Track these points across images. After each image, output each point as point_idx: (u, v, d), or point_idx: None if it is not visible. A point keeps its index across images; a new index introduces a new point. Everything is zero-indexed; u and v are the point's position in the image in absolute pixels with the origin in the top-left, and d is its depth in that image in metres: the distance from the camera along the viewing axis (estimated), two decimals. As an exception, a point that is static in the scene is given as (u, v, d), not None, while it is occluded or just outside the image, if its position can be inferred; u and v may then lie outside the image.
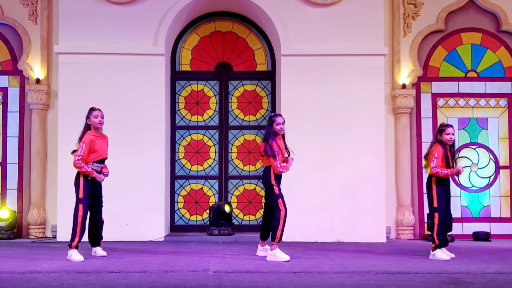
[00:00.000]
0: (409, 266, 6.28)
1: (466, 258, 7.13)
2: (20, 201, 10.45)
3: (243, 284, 4.86)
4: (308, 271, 5.84)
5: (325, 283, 4.99)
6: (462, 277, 5.43)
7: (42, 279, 5.11)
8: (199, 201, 10.79)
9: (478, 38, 10.95)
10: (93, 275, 5.41)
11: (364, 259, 7.06)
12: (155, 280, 5.07)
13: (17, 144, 10.52)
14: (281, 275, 5.52)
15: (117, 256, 6.92)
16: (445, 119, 10.76)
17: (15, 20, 10.47)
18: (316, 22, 9.87)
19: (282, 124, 6.84)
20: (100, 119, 6.79)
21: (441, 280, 5.22)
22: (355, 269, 6.02)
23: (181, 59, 10.89)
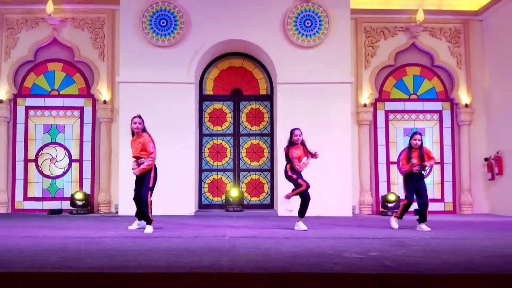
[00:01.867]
0: (369, 233, 6.32)
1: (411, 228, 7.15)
2: (92, 187, 10.51)
3: (249, 246, 4.88)
4: (297, 236, 5.87)
5: (308, 245, 5.03)
6: (406, 240, 5.47)
7: (108, 242, 5.16)
8: (218, 187, 10.80)
9: (418, 70, 10.97)
10: (144, 240, 5.45)
11: (336, 228, 7.10)
12: (187, 243, 5.11)
13: (90, 147, 10.58)
14: (277, 239, 5.54)
15: (160, 226, 6.95)
16: (394, 129, 10.83)
17: (88, 59, 10.54)
18: (302, 59, 9.87)
19: (299, 135, 6.68)
20: (137, 125, 6.37)
21: (391, 243, 5.25)
22: (329, 235, 6.05)
23: (206, 86, 10.90)
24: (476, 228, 7.32)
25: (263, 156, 10.85)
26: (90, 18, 10.58)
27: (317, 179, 9.28)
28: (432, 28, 10.85)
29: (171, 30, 9.80)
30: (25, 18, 10.54)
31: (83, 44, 10.54)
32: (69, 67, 10.67)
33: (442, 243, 5.29)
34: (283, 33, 9.88)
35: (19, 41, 10.52)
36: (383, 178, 10.76)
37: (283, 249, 4.64)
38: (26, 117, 10.56)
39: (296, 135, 6.69)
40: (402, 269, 3.45)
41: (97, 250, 4.54)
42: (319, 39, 9.87)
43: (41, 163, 10.54)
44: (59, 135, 10.59)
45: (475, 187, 10.78)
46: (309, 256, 4.18)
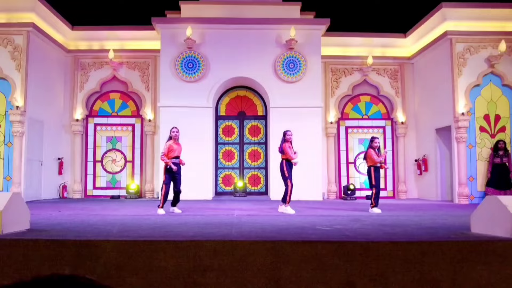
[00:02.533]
0: (334, 213, 6.32)
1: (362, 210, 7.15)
2: (141, 179, 10.48)
3: (251, 221, 4.90)
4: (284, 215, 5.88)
5: (291, 220, 5.04)
6: (360, 218, 5.50)
7: (152, 219, 5.18)
8: (229, 180, 10.76)
9: (368, 98, 10.97)
10: (177, 216, 5.48)
11: (311, 209, 7.08)
12: (208, 219, 5.14)
13: (139, 152, 10.57)
14: (270, 217, 5.57)
15: (188, 207, 6.96)
16: (352, 139, 10.84)
17: (138, 90, 10.56)
18: (287, 90, 9.88)
19: (291, 135, 6.40)
20: (176, 133, 6.26)
21: (350, 218, 5.28)
22: (306, 214, 6.07)
23: (220, 109, 10.91)
24: (409, 209, 7.35)
25: (260, 158, 10.85)
26: (139, 61, 10.62)
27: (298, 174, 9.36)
28: (378, 69, 10.90)
29: (196, 70, 9.85)
30: (94, 62, 10.60)
31: (134, 80, 10.58)
32: (125, 96, 10.71)
33: (386, 219, 5.32)
34: (274, 72, 9.92)
35: (90, 78, 10.57)
36: (344, 173, 10.77)
37: (274, 223, 4.67)
38: (95, 131, 10.58)
39: (289, 135, 6.41)
40: (357, 237, 3.50)
41: (145, 224, 4.57)
42: (299, 76, 9.90)
43: (105, 163, 10.54)
44: (118, 143, 10.61)
45: (408, 179, 10.79)
46: (292, 228, 4.22)
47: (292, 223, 4.76)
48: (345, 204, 8.42)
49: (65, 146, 10.43)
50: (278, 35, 9.96)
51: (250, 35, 9.92)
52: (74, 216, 5.43)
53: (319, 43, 9.96)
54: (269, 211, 6.52)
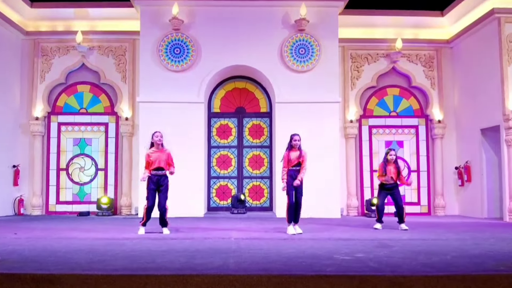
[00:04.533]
0: (355, 235, 6.31)
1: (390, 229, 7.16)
2: (116, 192, 10.49)
3: (252, 247, 4.90)
4: (293, 238, 5.88)
5: (303, 246, 5.04)
6: (387, 242, 5.47)
7: (130, 244, 5.17)
8: (225, 192, 10.77)
9: (397, 91, 10.97)
10: (161, 241, 5.46)
11: (327, 230, 7.06)
12: (198, 244, 5.12)
13: (114, 157, 10.58)
14: (276, 240, 5.56)
15: (175, 228, 6.94)
16: (377, 142, 10.83)
17: (112, 81, 10.57)
18: (296, 82, 9.88)
19: (297, 140, 6.45)
20: (159, 138, 6.32)
21: (374, 244, 5.26)
22: (321, 236, 6.04)
23: (214, 105, 10.90)
24: (448, 228, 7.32)
25: (263, 165, 10.83)
26: (114, 46, 10.63)
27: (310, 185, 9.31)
28: (409, 55, 10.88)
29: (184, 57, 9.84)
30: (58, 47, 10.62)
31: (108, 68, 10.58)
32: (96, 89, 10.71)
33: (418, 243, 5.29)
34: (281, 59, 9.90)
35: (53, 66, 10.58)
36: (367, 184, 10.76)
37: (281, 250, 4.65)
38: (59, 132, 10.60)
39: (294, 140, 6.49)
40: (384, 270, 3.47)
41: (121, 251, 4.55)
42: (312, 65, 9.89)
43: (71, 171, 10.56)
44: (87, 147, 10.62)
45: (447, 192, 10.77)
46: (303, 257, 4.19)
47: (303, 249, 4.74)
48: (369, 223, 8.35)
49: (21, 150, 10.44)
50: (286, 13, 9.95)
51: (251, 13, 9.92)
52: (34, 241, 5.42)
53: (336, 24, 9.95)
54: (275, 232, 6.49)
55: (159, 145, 6.39)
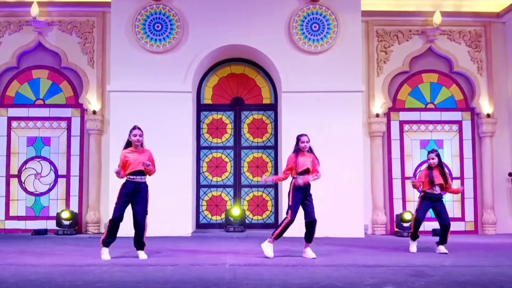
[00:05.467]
0: (383, 260, 6.23)
1: (427, 252, 7.06)
2: (80, 205, 10.44)
3: (252, 276, 4.81)
4: (303, 264, 5.81)
5: (317, 275, 4.95)
6: (424, 269, 5.38)
7: (96, 272, 5.09)
8: (218, 205, 10.73)
9: (435, 77, 10.92)
10: (136, 269, 5.38)
11: (347, 253, 6.99)
12: (183, 273, 5.04)
13: (78, 161, 10.53)
14: (282, 268, 5.48)
15: (155, 251, 6.86)
16: (410, 141, 10.77)
17: (77, 65, 10.53)
18: (309, 66, 9.84)
19: (306, 142, 6.46)
20: (138, 137, 6.22)
21: (407, 272, 5.17)
22: (340, 262, 5.96)
23: (205, 95, 10.88)
24: (501, 252, 7.23)
25: (266, 171, 10.78)
26: (79, 21, 10.58)
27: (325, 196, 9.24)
28: (450, 32, 10.82)
29: (167, 35, 9.80)
30: (8, 21, 10.55)
31: (71, 49, 10.53)
32: (56, 75, 10.66)
33: (464, 272, 5.20)
34: (288, 37, 9.87)
35: (1, 46, 10.52)
36: (398, 195, 10.69)
37: (288, 281, 4.58)
38: (9, 129, 10.53)
39: (302, 142, 6.48)
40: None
41: (84, 282, 4.46)
42: (328, 44, 9.84)
43: (24, 178, 10.49)
44: (44, 148, 10.56)
45: (499, 204, 10.68)
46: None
47: (316, 280, 4.66)
48: (400, 244, 8.27)
49: (-38, 152, 10.42)
50: (295, -21, 9.96)
51: (250, -21, 9.93)
52: (-26, 267, 5.33)
53: (358, -8, 9.96)
54: (282, 257, 6.42)
55: (137, 145, 6.29)
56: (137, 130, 6.29)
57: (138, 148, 6.31)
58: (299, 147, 6.51)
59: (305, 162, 6.45)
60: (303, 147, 6.48)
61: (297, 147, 6.54)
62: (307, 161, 6.46)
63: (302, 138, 6.52)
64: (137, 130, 6.28)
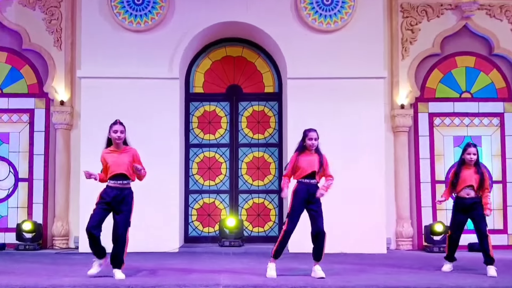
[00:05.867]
0: (408, 280, 6.14)
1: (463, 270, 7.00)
2: (45, 214, 10.40)
3: (251, 300, 4.78)
4: (312, 285, 5.74)
5: (329, 299, 4.91)
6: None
7: (63, 295, 5.05)
8: (211, 214, 10.71)
9: (471, 61, 10.89)
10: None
11: (366, 272, 6.93)
12: (168, 296, 5.01)
13: (42, 161, 10.50)
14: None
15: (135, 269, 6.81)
16: (441, 137, 10.72)
17: (41, 47, 10.50)
18: (320, 47, 9.85)
19: (314, 139, 6.37)
20: (119, 134, 6.16)
21: (439, 295, 5.13)
22: (356, 283, 5.89)
23: (195, 82, 10.87)
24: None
25: (269, 173, 10.78)
26: (44, -7, 10.58)
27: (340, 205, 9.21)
28: (490, 6, 10.76)
29: (149, 10, 9.78)
30: (-41, -6, 10.54)
31: (34, 28, 10.52)
32: (16, 58, 10.66)
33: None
34: (295, 13, 9.88)
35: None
36: (427, 203, 10.65)
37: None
38: (-41, 123, 10.56)
39: (310, 138, 6.39)
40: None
41: (47, 307, 4.43)
42: (342, 21, 9.83)
43: (-22, 183, 10.51)
44: (2, 146, 10.57)
45: (549, 214, 10.66)
46: (330, 316, 4.07)
47: (329, 303, 4.61)
48: (430, 260, 8.24)
49: None
50: None
51: None
52: None
53: (379, -42, 9.95)
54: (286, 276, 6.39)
55: (118, 144, 6.23)
56: (118, 125, 6.21)
57: (119, 147, 6.25)
58: (304, 144, 6.43)
59: (310, 163, 6.36)
60: (310, 145, 6.38)
61: (302, 144, 6.45)
62: (313, 162, 6.38)
63: (311, 134, 6.42)
64: (118, 126, 6.20)
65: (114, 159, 6.17)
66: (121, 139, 6.19)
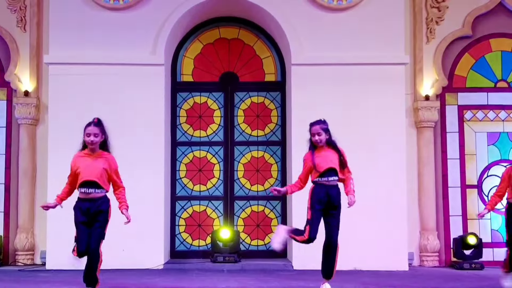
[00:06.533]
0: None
1: None
2: (7, 224, 10.38)
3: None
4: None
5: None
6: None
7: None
8: (202, 224, 10.73)
9: (509, 44, 10.91)
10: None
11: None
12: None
13: (3, 162, 10.50)
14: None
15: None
16: (473, 134, 10.72)
17: (2, 28, 10.49)
18: (330, 28, 9.86)
19: (317, 134, 6.44)
20: (92, 137, 6.08)
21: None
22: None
23: (183, 69, 10.89)
24: None
25: (270, 177, 10.80)
26: (6, -35, 10.60)
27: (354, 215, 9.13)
28: (530, -20, 10.82)
29: (129, -17, 9.83)
30: None
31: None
32: (-28, 41, 10.67)
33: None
34: (301, -13, 9.92)
35: None
36: (457, 211, 10.66)
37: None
38: None
39: (313, 134, 6.48)
40: None
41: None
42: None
43: None
44: (-44, 144, 10.57)
45: None
46: None
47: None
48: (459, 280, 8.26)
49: None
50: None
51: None
52: None
53: None
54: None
55: (93, 148, 6.17)
56: (92, 127, 6.14)
57: (94, 151, 6.20)
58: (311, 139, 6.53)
59: (327, 159, 6.40)
60: (315, 141, 6.44)
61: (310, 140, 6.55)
62: (330, 157, 6.42)
63: (313, 128, 6.49)
64: (91, 128, 6.13)
65: (86, 164, 6.10)
66: (94, 143, 6.10)
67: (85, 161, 6.12)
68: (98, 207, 6.12)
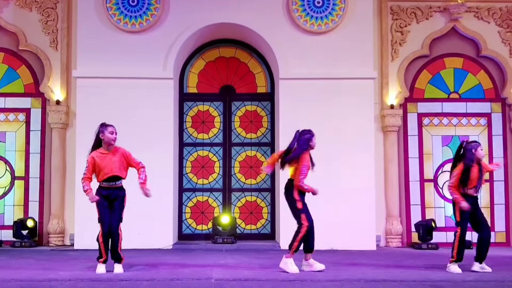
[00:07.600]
0: (396, 274, 6.24)
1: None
2: (41, 212, 10.42)
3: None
4: (302, 279, 5.79)
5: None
6: (444, 285, 5.40)
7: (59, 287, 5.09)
8: (204, 212, 10.74)
9: (459, 62, 10.94)
10: (105, 283, 5.39)
11: (355, 267, 7.02)
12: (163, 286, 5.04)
13: (38, 160, 10.51)
14: (277, 283, 5.49)
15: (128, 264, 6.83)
16: (430, 137, 10.78)
17: (37, 47, 10.50)
18: (311, 48, 9.88)
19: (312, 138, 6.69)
20: (115, 135, 6.27)
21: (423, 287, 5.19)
22: (346, 277, 5.96)
23: (189, 82, 10.89)
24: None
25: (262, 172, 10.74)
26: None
27: (330, 203, 9.27)
28: (478, 8, 10.82)
29: (144, 11, 9.82)
30: (-44, -5, 10.54)
31: (31, 28, 10.52)
32: (13, 58, 10.66)
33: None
34: (287, 14, 9.91)
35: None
36: (416, 201, 10.72)
37: (284, 297, 4.60)
38: (-43, 122, 10.56)
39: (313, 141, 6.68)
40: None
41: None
42: (333, 23, 9.87)
43: (-25, 181, 10.53)
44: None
45: (535, 212, 10.74)
46: (318, 307, 4.13)
47: (317, 295, 4.67)
48: (418, 257, 8.31)
49: None
50: None
51: None
52: None
53: (369, -40, 10.02)
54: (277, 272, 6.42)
55: (111, 145, 6.29)
56: (113, 127, 6.31)
57: (110, 148, 6.32)
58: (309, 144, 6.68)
59: None
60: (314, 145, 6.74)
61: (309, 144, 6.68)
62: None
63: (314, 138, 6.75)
64: (113, 127, 6.30)
65: (107, 162, 6.24)
66: (114, 140, 6.28)
67: (105, 159, 6.24)
68: (116, 194, 6.31)
